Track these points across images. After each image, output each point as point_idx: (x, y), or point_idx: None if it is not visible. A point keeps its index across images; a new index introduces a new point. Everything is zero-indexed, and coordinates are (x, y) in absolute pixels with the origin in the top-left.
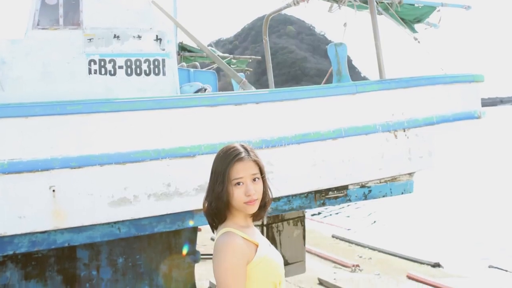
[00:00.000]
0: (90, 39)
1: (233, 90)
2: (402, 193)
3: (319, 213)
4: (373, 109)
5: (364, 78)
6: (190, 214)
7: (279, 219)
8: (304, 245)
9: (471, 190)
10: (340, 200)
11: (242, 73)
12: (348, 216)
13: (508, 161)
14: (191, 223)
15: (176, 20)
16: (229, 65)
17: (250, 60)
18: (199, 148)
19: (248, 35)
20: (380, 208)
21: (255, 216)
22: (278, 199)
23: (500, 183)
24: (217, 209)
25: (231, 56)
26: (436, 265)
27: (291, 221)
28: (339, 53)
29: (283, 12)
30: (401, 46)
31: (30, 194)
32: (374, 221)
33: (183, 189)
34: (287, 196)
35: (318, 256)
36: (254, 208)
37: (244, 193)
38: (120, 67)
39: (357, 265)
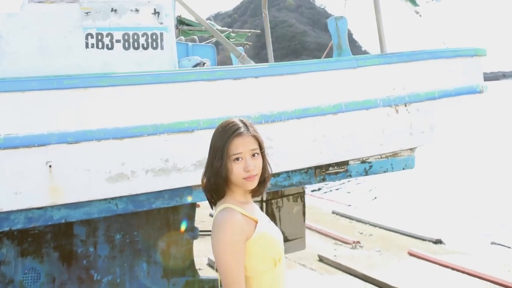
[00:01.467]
0: (87, 13)
1: (232, 64)
2: (404, 169)
3: (319, 189)
4: (374, 84)
5: (365, 52)
6: (189, 190)
7: (278, 195)
8: (304, 221)
9: (473, 166)
10: (340, 175)
11: (241, 47)
12: (349, 192)
13: (510, 136)
14: (189, 199)
15: None
16: (228, 39)
17: (249, 34)
18: (198, 123)
19: (247, 8)
20: (381, 184)
21: (254, 192)
22: (277, 174)
23: (502, 158)
24: (216, 185)
25: (230, 30)
26: (438, 242)
27: (290, 197)
28: (339, 26)
29: None
30: (402, 20)
31: (26, 170)
32: (375, 197)
33: (182, 165)
34: (287, 172)
35: (318, 232)
36: (253, 184)
37: (243, 168)
38: (118, 41)
39: (358, 242)
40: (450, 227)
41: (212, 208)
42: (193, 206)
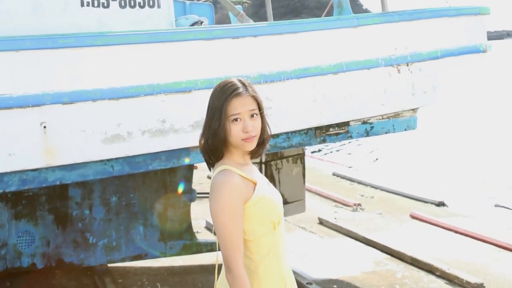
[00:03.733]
0: None
1: (230, 23)
2: (405, 130)
3: (319, 150)
4: (375, 43)
5: (366, 11)
6: (186, 151)
7: (278, 157)
8: (304, 183)
9: (477, 127)
10: (341, 136)
11: (239, 6)
12: (350, 154)
13: None
14: (187, 161)
15: None
16: None
17: None
18: (195, 83)
19: None
20: (382, 145)
21: (253, 154)
22: (277, 135)
23: (506, 119)
24: (214, 146)
25: None
26: (441, 204)
27: (290, 159)
28: None
29: None
30: None
31: (20, 131)
32: (376, 159)
33: (179, 126)
34: (286, 133)
35: (318, 195)
36: (252, 145)
37: (242, 129)
38: None
39: (359, 204)
40: (453, 189)
41: (210, 170)
42: (191, 167)
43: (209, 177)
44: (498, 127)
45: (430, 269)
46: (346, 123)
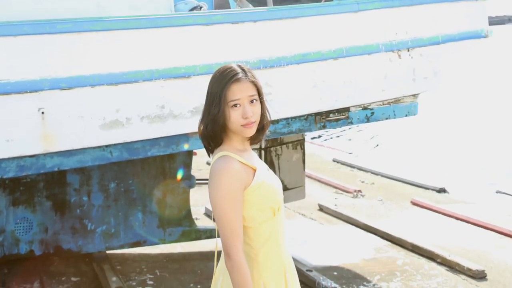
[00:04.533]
0: None
1: (229, 8)
2: (406, 115)
3: (319, 136)
4: (375, 28)
5: None
6: (185, 137)
7: (277, 143)
8: (304, 169)
9: (478, 112)
10: (341, 122)
11: None
12: (350, 140)
13: None
14: (186, 147)
15: None
16: None
17: None
18: (194, 69)
19: None
20: (383, 131)
21: (253, 140)
22: (276, 121)
23: (507, 105)
24: (213, 132)
25: None
26: (442, 191)
27: (290, 145)
28: None
29: None
30: None
31: (18, 117)
32: (377, 145)
33: (178, 111)
34: (286, 119)
35: (318, 181)
36: (252, 131)
37: (241, 115)
38: None
39: (359, 191)
40: (454, 175)
41: (209, 156)
42: (190, 153)
43: (208, 163)
44: (499, 113)
45: (431, 256)
46: (347, 109)
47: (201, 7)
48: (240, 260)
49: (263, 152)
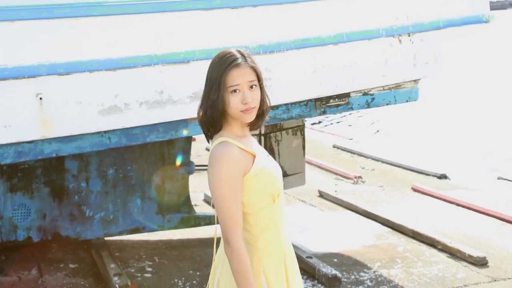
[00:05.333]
0: None
1: None
2: (407, 101)
3: (319, 122)
4: (376, 13)
5: None
6: (184, 123)
7: (277, 128)
8: (304, 155)
9: (479, 98)
10: (341, 108)
11: None
12: (350, 125)
13: None
14: (185, 133)
15: None
16: None
17: None
18: (193, 54)
19: None
20: (383, 116)
21: (252, 125)
22: (276, 107)
23: (509, 90)
24: (212, 117)
25: None
26: (443, 177)
27: (290, 131)
28: None
29: None
30: None
31: (16, 102)
32: (378, 131)
33: (177, 97)
34: (286, 104)
35: (318, 167)
36: (251, 116)
37: (241, 101)
38: None
39: (360, 177)
40: (455, 161)
41: (208, 142)
42: (189, 139)
43: (207, 149)
44: (500, 99)
45: (432, 243)
46: (347, 94)
47: None
48: (240, 247)
49: (262, 138)
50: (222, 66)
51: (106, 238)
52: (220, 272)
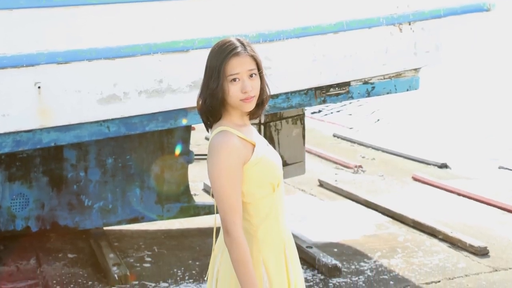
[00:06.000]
0: None
1: None
2: (408, 90)
3: (319, 111)
4: (376, 1)
5: None
6: (184, 112)
7: (277, 117)
8: (304, 144)
9: (480, 87)
10: (341, 97)
11: None
12: (350, 114)
13: None
14: (184, 122)
15: None
16: None
17: None
18: (193, 43)
19: None
20: (384, 105)
21: (252, 114)
22: (276, 96)
23: (510, 79)
24: (212, 106)
25: None
26: (443, 166)
27: (290, 120)
28: None
29: None
30: None
31: (14, 91)
32: (378, 120)
33: (176, 86)
34: (286, 93)
35: (318, 156)
36: (251, 105)
37: (241, 89)
38: None
39: (360, 166)
40: (456, 150)
41: (207, 131)
42: (188, 128)
43: (207, 138)
44: (502, 88)
45: (432, 233)
46: (347, 83)
47: None
48: (239, 236)
49: (262, 127)
50: (221, 54)
51: (105, 228)
52: (219, 262)
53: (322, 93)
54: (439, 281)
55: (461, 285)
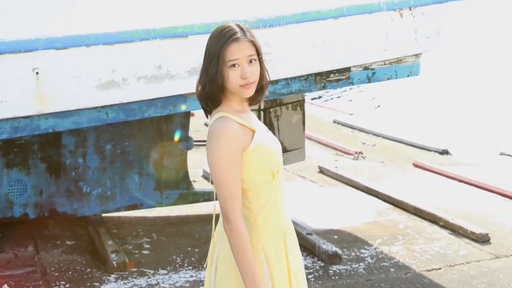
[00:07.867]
0: None
1: None
2: (408, 76)
3: (319, 97)
4: None
5: None
6: (183, 98)
7: (277, 103)
8: (304, 131)
9: (482, 73)
10: (342, 83)
11: None
12: (351, 100)
13: None
14: (183, 108)
15: None
16: None
17: None
18: (192, 28)
19: None
20: (384, 91)
21: (252, 100)
22: (276, 82)
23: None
24: (211, 92)
25: None
26: (444, 152)
27: (289, 106)
28: None
29: None
30: None
31: (12, 77)
32: (378, 105)
33: (175, 71)
34: (286, 79)
35: (318, 142)
36: (251, 91)
37: (240, 75)
38: None
39: (360, 152)
40: (457, 137)
41: (207, 117)
42: (187, 115)
43: (206, 125)
44: (503, 74)
45: (433, 219)
46: (347, 69)
47: None
48: (239, 223)
49: (262, 113)
50: (221, 40)
51: (103, 215)
52: (219, 249)
53: (322, 79)
54: (440, 268)
55: (462, 272)
